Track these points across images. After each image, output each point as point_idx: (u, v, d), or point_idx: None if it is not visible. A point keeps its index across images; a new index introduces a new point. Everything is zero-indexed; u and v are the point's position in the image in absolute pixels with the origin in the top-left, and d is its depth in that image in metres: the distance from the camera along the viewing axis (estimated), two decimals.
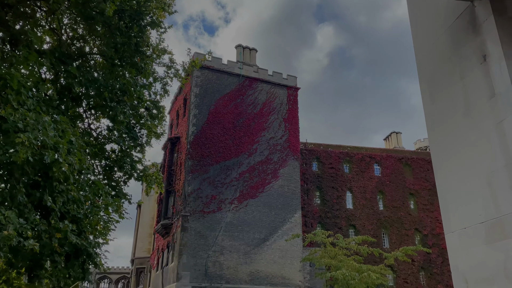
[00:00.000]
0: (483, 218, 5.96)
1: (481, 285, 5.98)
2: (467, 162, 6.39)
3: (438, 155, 7.13)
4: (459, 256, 6.43)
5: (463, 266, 6.39)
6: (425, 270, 42.56)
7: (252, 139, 38.39)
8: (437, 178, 7.17)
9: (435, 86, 7.37)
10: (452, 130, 6.81)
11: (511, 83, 5.72)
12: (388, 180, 46.28)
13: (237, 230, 34.79)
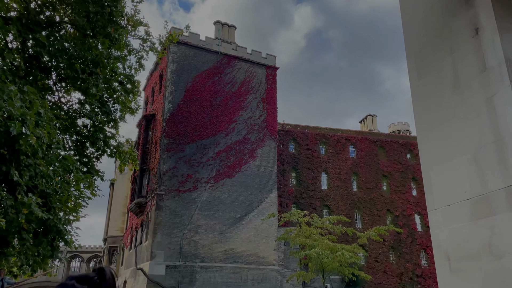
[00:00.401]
0: (469, 195, 5.88)
1: (464, 262, 5.95)
2: (454, 138, 6.28)
3: (424, 131, 6.99)
4: (442, 233, 6.38)
5: (446, 243, 6.34)
6: (395, 249, 43.91)
7: (229, 118, 37.93)
8: (422, 155, 7.05)
9: (423, 61, 7.17)
10: (439, 106, 6.66)
11: (504, 56, 5.57)
12: (363, 162, 47.02)
13: (213, 209, 34.65)
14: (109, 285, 1.44)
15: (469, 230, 5.80)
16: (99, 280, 1.45)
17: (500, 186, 5.44)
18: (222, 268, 33.14)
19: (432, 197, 6.85)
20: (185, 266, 32.35)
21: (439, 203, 6.57)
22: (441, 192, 6.56)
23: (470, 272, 5.85)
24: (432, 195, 6.84)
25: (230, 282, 32.82)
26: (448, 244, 6.22)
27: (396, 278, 42.54)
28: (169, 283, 31.57)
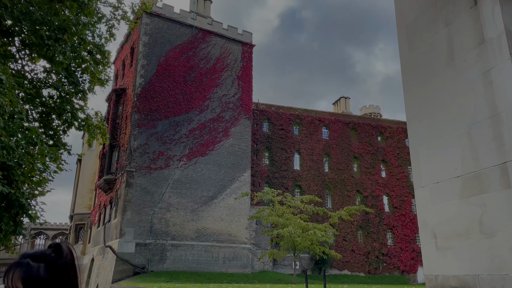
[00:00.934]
0: (460, 172, 5.70)
1: (452, 240, 5.81)
2: (446, 114, 6.05)
3: (413, 107, 6.75)
4: (429, 211, 6.22)
5: (433, 221, 6.19)
6: (362, 229, 45.04)
7: (203, 95, 37.06)
8: (411, 131, 6.82)
9: (414, 33, 6.85)
10: (430, 81, 6.41)
11: (504, 28, 5.32)
12: (335, 143, 47.48)
13: (185, 188, 34.12)
14: (67, 262, 1.33)
15: (459, 207, 5.64)
16: (56, 257, 1.33)
17: (494, 163, 5.26)
18: (194, 246, 32.92)
19: (419, 175, 6.66)
20: (156, 244, 31.91)
21: (427, 180, 6.39)
22: (430, 169, 6.37)
23: (458, 250, 5.72)
24: (420, 172, 6.66)
25: (201, 260, 32.71)
26: (435, 222, 6.07)
27: (363, 257, 43.81)
28: (139, 261, 31.10)
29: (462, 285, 5.38)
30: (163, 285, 16.39)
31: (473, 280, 5.28)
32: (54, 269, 1.30)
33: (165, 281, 25.58)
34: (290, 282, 29.87)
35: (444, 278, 5.75)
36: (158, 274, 29.25)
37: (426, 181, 6.26)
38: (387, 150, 49.20)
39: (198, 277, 28.63)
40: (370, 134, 49.31)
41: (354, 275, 42.76)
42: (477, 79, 5.53)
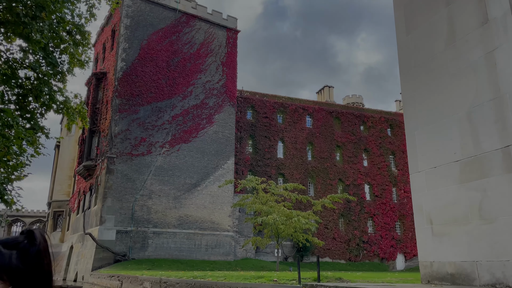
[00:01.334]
0: (459, 156, 5.52)
1: (449, 226, 5.65)
2: (445, 96, 5.85)
3: (410, 90, 6.53)
4: (425, 196, 6.04)
5: (428, 207, 6.02)
6: (344, 217, 45.54)
7: (187, 81, 36.35)
8: (407, 115, 6.61)
9: (413, 14, 6.59)
10: (429, 62, 6.18)
11: (510, 6, 5.10)
12: (318, 132, 47.58)
13: (168, 175, 33.62)
14: (40, 250, 1.27)
15: (457, 192, 5.49)
16: (28, 244, 1.27)
17: (496, 147, 5.06)
18: (176, 233, 32.61)
19: (415, 159, 6.48)
20: (137, 231, 31.46)
21: (423, 165, 6.22)
22: (427, 154, 6.19)
23: (455, 236, 5.58)
24: (416, 157, 6.47)
25: (184, 248, 32.46)
26: (432, 207, 5.91)
27: (344, 244, 44.37)
28: (119, 248, 30.63)
29: (459, 272, 5.26)
30: (145, 273, 16.09)
31: (471, 267, 5.14)
32: (26, 256, 1.25)
33: (147, 268, 25.24)
34: (273, 269, 29.96)
35: (440, 265, 5.61)
36: (140, 262, 28.88)
37: (422, 165, 6.09)
38: (369, 140, 49.64)
39: (181, 265, 28.39)
40: (353, 124, 49.59)
41: (335, 262, 43.33)
42: (480, 60, 5.33)
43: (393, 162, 50.15)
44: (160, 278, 11.62)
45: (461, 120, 5.73)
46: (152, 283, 12.28)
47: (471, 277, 5.12)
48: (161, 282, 11.51)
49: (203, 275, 9.85)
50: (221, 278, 8.45)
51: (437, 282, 5.78)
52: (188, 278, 9.93)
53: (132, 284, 14.41)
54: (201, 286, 8.55)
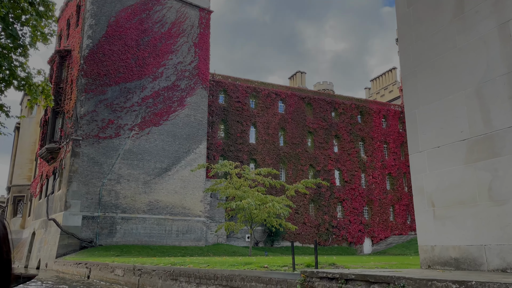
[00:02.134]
0: (466, 134, 5.17)
1: (453, 209, 5.33)
2: (451, 71, 5.46)
3: (411, 67, 6.13)
4: (426, 178, 5.70)
5: (430, 189, 5.68)
6: (314, 202, 45.98)
7: (157, 61, 34.96)
8: (407, 92, 6.22)
9: None
10: (432, 36, 5.78)
11: None
12: (290, 117, 47.49)
13: (137, 159, 32.45)
14: None
15: (463, 173, 5.16)
16: None
17: (509, 124, 4.70)
18: (146, 219, 31.69)
19: (416, 139, 6.10)
20: (105, 217, 30.30)
21: (425, 145, 5.85)
22: (429, 133, 5.83)
23: (461, 219, 5.26)
24: (416, 136, 6.09)
25: (154, 234, 31.64)
26: (434, 189, 5.59)
27: (314, 229, 44.90)
28: (86, 234, 29.44)
29: (464, 256, 4.98)
30: (116, 259, 15.33)
31: (478, 251, 4.86)
32: None
33: (116, 255, 24.36)
34: (245, 254, 29.79)
35: (443, 249, 5.33)
36: (108, 248, 27.88)
37: (424, 145, 5.74)
38: (340, 126, 50.09)
39: (151, 251, 27.65)
40: (324, 110, 49.80)
41: (305, 246, 43.81)
42: (492, 32, 4.97)
43: (363, 148, 50.95)
44: (133, 265, 10.97)
45: (469, 96, 5.35)
46: (124, 270, 11.62)
47: (478, 261, 4.85)
48: (135, 270, 10.87)
49: (182, 262, 9.31)
50: (203, 264, 7.93)
51: (439, 267, 5.50)
52: (165, 265, 9.37)
53: (102, 272, 13.67)
54: (181, 274, 8.03)
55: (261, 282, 5.69)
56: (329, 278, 4.65)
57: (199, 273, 7.43)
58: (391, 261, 9.45)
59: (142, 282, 10.29)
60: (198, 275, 7.48)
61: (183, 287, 8.05)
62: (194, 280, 7.58)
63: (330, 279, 4.64)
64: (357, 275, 4.35)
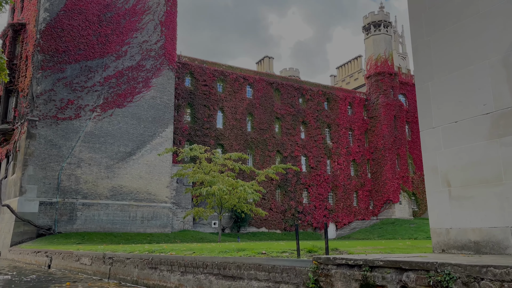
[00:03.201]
0: (490, 107, 4.72)
1: (473, 188, 4.89)
2: (471, 40, 4.98)
3: (422, 36, 5.62)
4: (440, 156, 5.24)
5: (445, 167, 5.23)
6: (281, 188, 46.03)
7: (121, 39, 33.06)
8: (417, 62, 5.68)
9: None
10: (448, 2, 5.32)
11: None
12: (258, 103, 46.98)
13: (99, 142, 30.74)
14: None
15: (486, 149, 4.73)
16: None
17: None
18: (108, 205, 30.24)
19: (429, 114, 5.61)
20: (64, 203, 28.59)
21: (439, 120, 5.37)
22: (445, 107, 5.35)
23: (482, 199, 4.85)
24: (429, 111, 5.61)
25: (117, 220, 30.29)
26: (449, 167, 5.15)
27: (280, 215, 45.01)
28: (43, 221, 27.68)
29: (486, 239, 4.59)
30: (80, 247, 14.24)
31: (503, 233, 4.47)
32: None
33: (76, 242, 23.02)
34: (213, 240, 29.23)
35: (460, 232, 4.93)
36: (68, 236, 26.37)
37: (438, 121, 5.27)
38: (307, 112, 50.19)
39: (114, 238, 26.46)
40: (292, 96, 49.65)
41: (271, 232, 43.90)
42: None
43: (329, 135, 51.42)
44: (103, 253, 10.06)
45: (494, 66, 4.87)
46: (92, 259, 10.67)
47: (503, 244, 4.49)
48: (105, 258, 9.97)
49: (162, 249, 8.55)
50: (187, 251, 7.22)
51: (455, 251, 5.10)
52: (141, 252, 8.56)
53: (66, 261, 12.60)
54: (162, 262, 7.30)
55: (263, 270, 5.12)
56: (350, 265, 4.14)
57: (184, 261, 6.75)
58: (375, 245, 9.18)
59: (114, 271, 9.45)
60: (183, 263, 6.79)
61: (164, 277, 7.34)
62: (178, 268, 6.90)
63: (350, 266, 4.13)
64: (386, 262, 3.86)
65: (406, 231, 37.42)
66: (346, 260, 4.14)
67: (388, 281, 3.77)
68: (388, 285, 3.80)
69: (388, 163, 50.59)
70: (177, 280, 6.85)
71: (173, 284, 6.97)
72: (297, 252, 5.11)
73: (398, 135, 51.95)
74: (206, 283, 6.07)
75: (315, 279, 4.35)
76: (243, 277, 5.39)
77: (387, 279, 3.76)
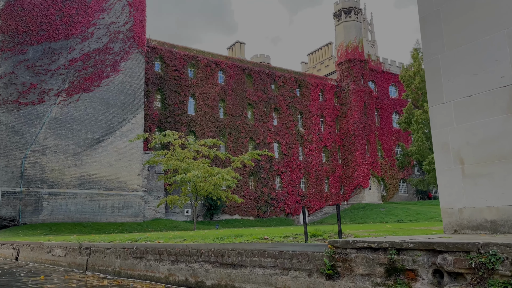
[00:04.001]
0: (509, 79, 4.45)
1: (489, 165, 4.64)
2: (486, 9, 4.63)
3: (431, 5, 5.21)
4: (452, 132, 4.98)
5: (458, 144, 5.00)
6: (254, 175, 45.86)
7: (87, 20, 31.34)
8: (426, 34, 5.35)
9: None
10: None
11: None
12: (231, 89, 46.33)
13: (65, 128, 29.22)
14: None
15: (504, 124, 4.50)
16: None
17: None
18: (76, 194, 28.94)
19: (439, 89, 5.33)
20: (28, 192, 27.08)
21: (451, 94, 5.11)
22: (457, 80, 5.08)
23: (500, 176, 4.63)
24: (439, 85, 5.32)
25: (86, 210, 29.09)
26: (463, 144, 4.91)
27: (253, 201, 44.92)
28: (6, 212, 26.14)
29: (505, 218, 4.39)
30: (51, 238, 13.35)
31: None
32: None
33: (43, 234, 21.88)
34: (187, 228, 28.69)
35: (474, 211, 4.73)
36: (33, 227, 25.05)
37: (449, 95, 5.00)
38: (280, 99, 50.01)
39: (84, 228, 25.39)
40: (264, 82, 49.26)
41: (245, 219, 43.79)
42: None
43: (301, 121, 51.54)
44: (79, 243, 9.36)
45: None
46: (66, 250, 9.93)
47: None
48: (81, 248, 9.29)
49: (146, 237, 7.97)
50: (176, 239, 6.72)
51: (469, 232, 4.90)
52: (123, 241, 7.97)
53: (36, 253, 11.76)
54: (148, 251, 6.73)
55: (268, 256, 4.74)
56: (373, 248, 3.82)
57: (175, 249, 6.26)
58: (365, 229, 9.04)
59: (92, 262, 8.81)
60: (173, 251, 6.30)
61: (151, 266, 6.82)
62: (168, 257, 6.41)
63: (373, 249, 3.82)
64: (417, 244, 3.56)
65: (377, 215, 38.29)
66: (368, 243, 3.83)
67: (419, 264, 3.48)
68: (419, 269, 3.52)
69: (358, 149, 51.41)
70: (167, 270, 6.38)
71: (162, 274, 6.49)
72: (305, 236, 4.77)
73: (368, 122, 52.79)
74: (202, 272, 5.64)
75: (332, 264, 4.03)
76: (245, 264, 5.00)
77: (418, 262, 3.47)
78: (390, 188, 54.40)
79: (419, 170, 57.02)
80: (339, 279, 4.01)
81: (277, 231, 7.81)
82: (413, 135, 51.23)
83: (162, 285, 6.24)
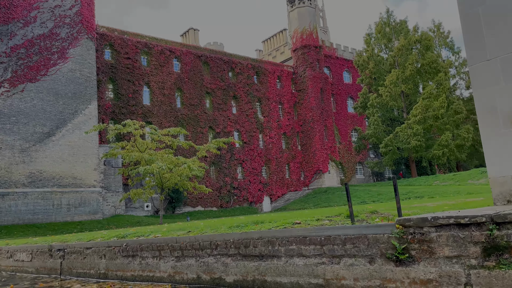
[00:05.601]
0: None
1: None
2: None
3: None
4: (500, 92, 4.47)
5: (509, 104, 4.59)
6: (215, 165, 44.92)
7: (28, 3, 28.49)
8: None
9: None
10: None
11: None
12: (187, 77, 44.82)
13: (10, 122, 26.54)
14: None
15: None
16: None
17: None
18: (27, 194, 26.50)
19: (481, 44, 4.80)
20: None
21: (496, 51, 4.60)
22: (502, 34, 4.59)
23: None
24: (482, 41, 4.79)
25: (39, 210, 26.77)
26: None
27: (215, 192, 44.01)
28: None
29: None
30: (10, 242, 11.68)
31: None
32: None
33: None
34: (151, 223, 27.32)
35: None
36: None
37: (494, 51, 4.49)
38: (238, 86, 49.15)
39: (38, 230, 23.32)
40: (222, 69, 48.14)
41: (208, 210, 42.89)
42: None
43: (259, 109, 51.08)
44: (49, 244, 8.10)
45: None
46: (33, 253, 8.61)
47: None
48: (52, 250, 8.05)
49: (134, 233, 6.94)
50: (181, 232, 5.79)
51: None
52: (107, 239, 6.89)
53: None
54: (142, 248, 5.76)
55: (311, 243, 4.04)
56: (462, 224, 3.23)
57: (180, 243, 5.38)
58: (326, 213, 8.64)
59: (68, 265, 7.64)
60: (177, 246, 5.41)
61: (149, 265, 5.88)
62: (171, 253, 5.52)
63: (462, 226, 3.24)
64: None
65: (340, 198, 38.86)
66: (455, 219, 3.24)
67: None
68: None
69: (316, 135, 51.88)
70: (171, 268, 5.49)
71: (164, 273, 5.59)
72: (350, 217, 4.13)
73: (325, 107, 53.35)
74: (219, 267, 4.84)
75: (403, 247, 3.42)
76: (278, 254, 4.29)
77: None
78: (348, 171, 55.62)
79: (373, 153, 58.82)
80: (414, 264, 3.42)
81: (300, 214, 7.13)
82: (368, 118, 52.64)
83: (167, 284, 5.36)
